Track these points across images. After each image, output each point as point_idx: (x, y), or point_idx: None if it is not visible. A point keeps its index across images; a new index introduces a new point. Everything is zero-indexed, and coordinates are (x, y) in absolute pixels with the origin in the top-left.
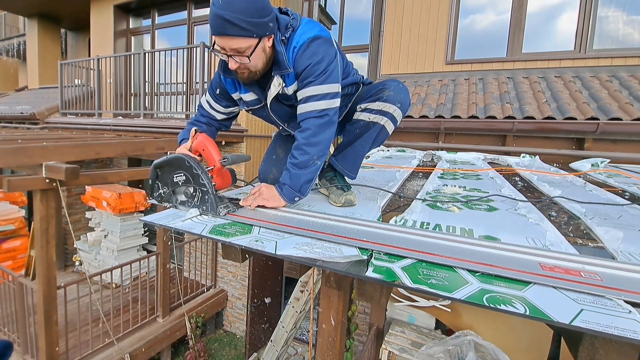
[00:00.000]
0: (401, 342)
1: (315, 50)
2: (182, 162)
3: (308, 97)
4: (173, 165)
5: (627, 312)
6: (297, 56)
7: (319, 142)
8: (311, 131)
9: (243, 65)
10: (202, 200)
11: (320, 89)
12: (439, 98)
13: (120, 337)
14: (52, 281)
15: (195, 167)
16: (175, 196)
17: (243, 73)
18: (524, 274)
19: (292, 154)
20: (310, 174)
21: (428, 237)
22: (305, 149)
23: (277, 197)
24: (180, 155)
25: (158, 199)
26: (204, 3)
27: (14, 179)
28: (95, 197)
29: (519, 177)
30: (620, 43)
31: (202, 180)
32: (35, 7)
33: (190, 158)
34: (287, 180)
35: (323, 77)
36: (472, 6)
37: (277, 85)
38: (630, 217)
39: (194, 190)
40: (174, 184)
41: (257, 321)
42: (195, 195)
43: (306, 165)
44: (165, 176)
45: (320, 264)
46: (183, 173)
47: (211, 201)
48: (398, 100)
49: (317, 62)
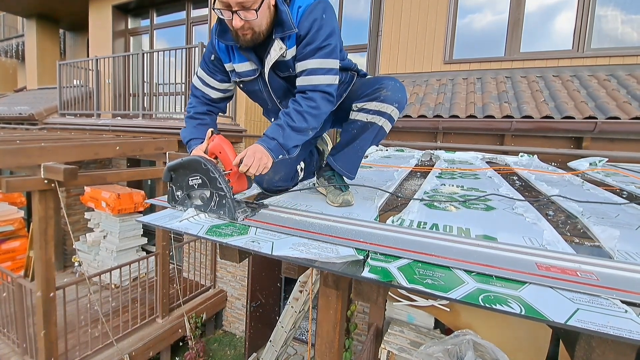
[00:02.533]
0: (400, 341)
1: (322, 15)
2: (198, 164)
3: (315, 69)
4: (188, 168)
5: (623, 311)
6: (302, 17)
7: (318, 115)
8: (315, 103)
9: (248, 24)
10: (219, 204)
11: (327, 63)
12: (437, 97)
13: (119, 338)
14: (51, 282)
15: (213, 170)
16: (191, 200)
17: (246, 34)
18: (520, 273)
19: (291, 116)
20: (301, 140)
21: (424, 237)
22: (306, 117)
23: (266, 155)
24: (196, 157)
25: (172, 203)
26: (202, 3)
27: (13, 179)
28: (94, 198)
29: (517, 177)
30: (618, 42)
31: (220, 184)
32: (34, 8)
33: (207, 161)
34: (279, 137)
35: (328, 50)
36: (471, 6)
37: (277, 50)
38: (628, 216)
39: (210, 194)
40: (189, 188)
41: (256, 321)
42: (212, 199)
43: (301, 130)
44: (179, 179)
45: (317, 264)
46: (199, 176)
47: (229, 206)
48: (395, 100)
49: (322, 27)
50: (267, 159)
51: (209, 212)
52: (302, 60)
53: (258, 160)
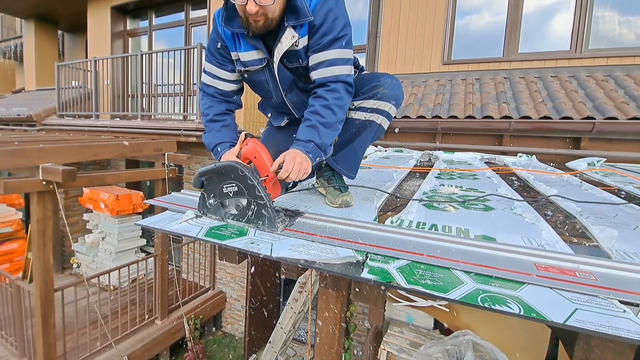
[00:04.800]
0: (400, 342)
1: (335, 4)
2: (234, 171)
3: (334, 59)
4: (223, 174)
5: (622, 311)
6: (317, 5)
7: (344, 107)
8: (339, 94)
9: (262, 10)
10: (257, 214)
11: (345, 53)
12: (436, 98)
13: (118, 340)
14: (49, 284)
15: (251, 177)
16: (225, 209)
17: (258, 21)
18: (519, 274)
19: (320, 113)
20: (333, 136)
21: (423, 238)
22: (334, 110)
23: (306, 159)
24: (231, 163)
25: (203, 211)
26: (201, 4)
27: (11, 181)
28: (92, 199)
29: (515, 177)
30: (615, 43)
31: (259, 192)
32: (32, 9)
33: (243, 167)
34: (315, 137)
35: (346, 40)
36: (469, 6)
37: (289, 39)
38: (626, 216)
39: (247, 203)
40: (224, 195)
41: (255, 322)
42: (250, 208)
43: (332, 125)
44: (212, 186)
45: (316, 265)
46: (235, 183)
47: (269, 215)
48: (393, 97)
49: (339, 17)
50: (307, 164)
51: (246, 222)
52: (319, 51)
53: (298, 165)
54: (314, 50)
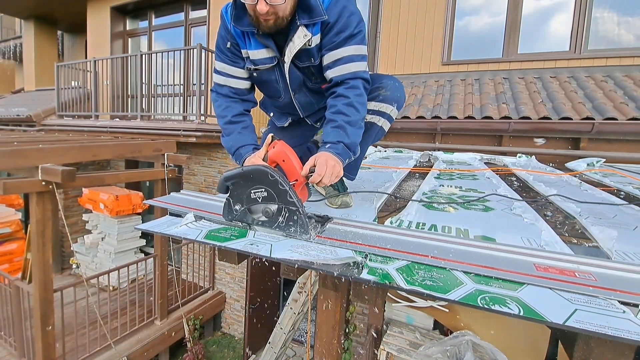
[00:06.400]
0: (399, 342)
1: (349, 2)
2: (264, 175)
3: (351, 56)
4: (252, 179)
5: (621, 312)
6: (330, 3)
7: (365, 104)
8: (360, 90)
9: (272, 9)
10: (289, 220)
11: (361, 49)
12: (435, 99)
13: (117, 340)
14: (48, 284)
15: (282, 182)
16: (252, 215)
17: (268, 20)
18: (519, 274)
19: (343, 112)
20: (360, 135)
21: (423, 239)
22: (357, 107)
23: (338, 162)
24: (260, 167)
25: (228, 217)
26: (201, 4)
27: (10, 181)
28: (92, 200)
29: (515, 177)
30: (615, 43)
31: (291, 198)
32: (32, 9)
33: (274, 171)
34: (343, 138)
35: (362, 36)
36: (468, 7)
37: (302, 38)
38: (625, 217)
39: (278, 209)
40: (251, 201)
41: (255, 323)
42: (281, 214)
43: (357, 123)
44: (239, 191)
45: (315, 266)
46: (264, 188)
47: (302, 222)
48: (395, 100)
49: (353, 14)
50: (339, 167)
51: (276, 229)
52: (335, 48)
53: (331, 169)
54: (329, 48)
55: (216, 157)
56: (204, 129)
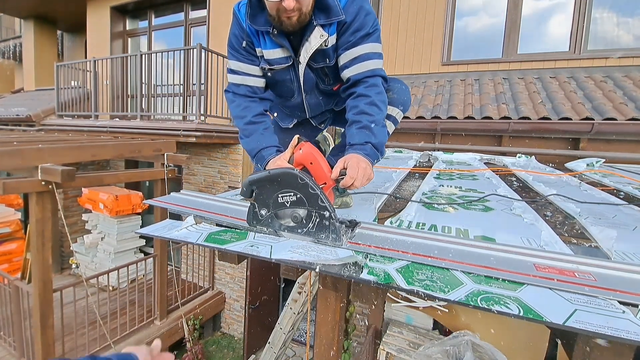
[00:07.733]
0: (399, 342)
1: (365, 1)
2: (293, 179)
3: (368, 54)
4: (280, 182)
5: (621, 312)
6: (348, 2)
7: (385, 101)
8: (380, 88)
9: (297, 5)
10: (319, 226)
11: (377, 47)
12: (435, 99)
13: (117, 340)
14: (48, 284)
15: (313, 186)
16: (279, 221)
17: (292, 17)
18: (518, 274)
19: (366, 112)
20: (385, 133)
21: (423, 239)
22: (379, 105)
23: (369, 164)
24: (289, 170)
25: (253, 223)
26: (200, 4)
27: (10, 181)
28: (91, 199)
29: (514, 178)
30: (614, 44)
31: (323, 202)
32: (32, 9)
33: (303, 174)
34: (370, 138)
35: (377, 34)
36: (468, 7)
37: (318, 38)
38: (625, 217)
39: (308, 214)
40: (279, 206)
41: (255, 323)
42: (311, 219)
43: (381, 122)
44: (265, 195)
45: (315, 267)
46: (293, 192)
47: (334, 228)
48: (401, 103)
49: (369, 12)
50: (370, 169)
51: (306, 235)
52: (352, 47)
53: (363, 171)
54: (346, 47)
55: (216, 157)
56: (204, 129)
